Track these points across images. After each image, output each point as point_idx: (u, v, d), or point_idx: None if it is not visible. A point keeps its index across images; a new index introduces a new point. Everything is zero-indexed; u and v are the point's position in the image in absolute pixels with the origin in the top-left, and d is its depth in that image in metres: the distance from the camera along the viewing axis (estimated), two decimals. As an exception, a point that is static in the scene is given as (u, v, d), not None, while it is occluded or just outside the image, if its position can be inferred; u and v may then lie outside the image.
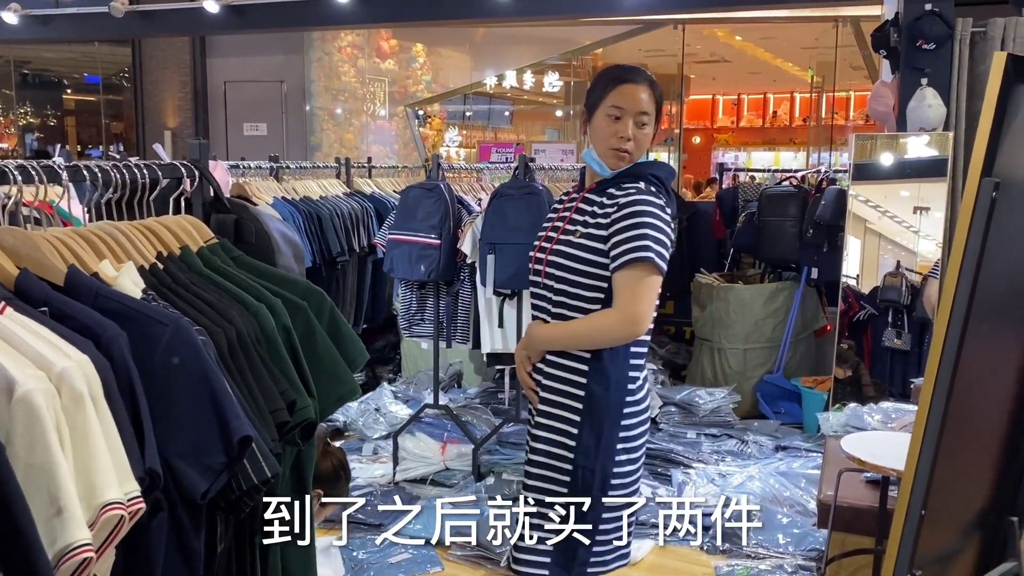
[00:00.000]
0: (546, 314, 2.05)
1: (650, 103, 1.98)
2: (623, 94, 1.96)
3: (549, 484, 2.02)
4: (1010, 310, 1.51)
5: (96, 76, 10.92)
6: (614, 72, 2.01)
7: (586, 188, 2.04)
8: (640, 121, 1.97)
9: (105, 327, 1.03)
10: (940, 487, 1.40)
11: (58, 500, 0.86)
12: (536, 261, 2.08)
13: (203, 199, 1.51)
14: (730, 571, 3.16)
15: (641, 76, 1.99)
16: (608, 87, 1.98)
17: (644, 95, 1.97)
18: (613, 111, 1.96)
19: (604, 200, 1.98)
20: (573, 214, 2.03)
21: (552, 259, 2.02)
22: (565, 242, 1.99)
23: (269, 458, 1.14)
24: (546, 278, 2.03)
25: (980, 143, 1.24)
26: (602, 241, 1.94)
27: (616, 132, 1.96)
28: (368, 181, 5.08)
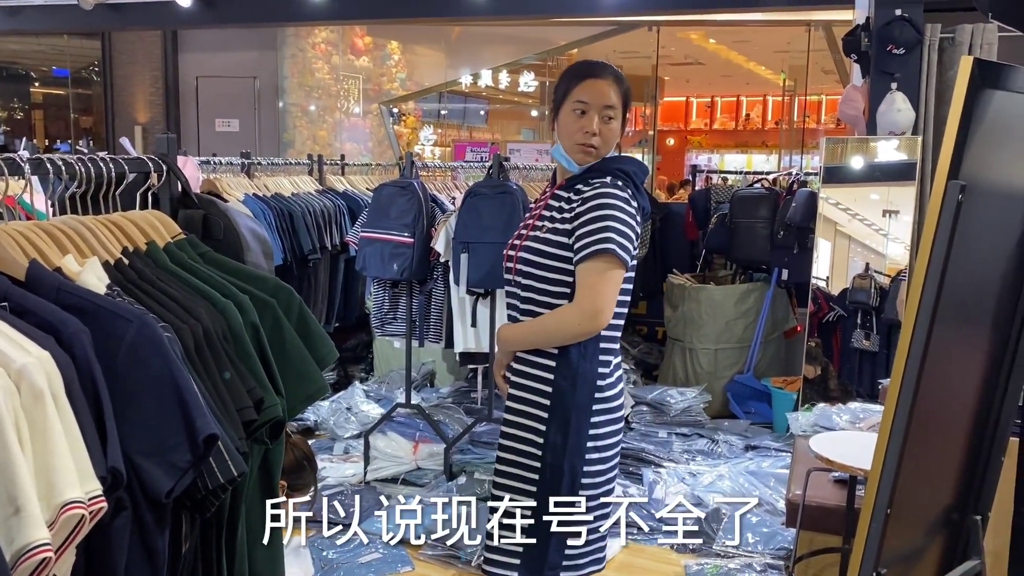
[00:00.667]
0: (517, 312, 2.05)
1: (616, 97, 1.97)
2: (588, 89, 1.96)
3: (518, 483, 2.00)
4: (975, 311, 1.53)
5: (65, 69, 10.75)
6: (579, 67, 2.01)
7: (556, 185, 2.05)
8: (606, 115, 1.96)
9: (67, 323, 1.01)
10: (905, 486, 1.42)
11: (16, 499, 0.84)
12: (508, 259, 2.08)
13: (171, 194, 1.48)
14: (700, 570, 3.17)
15: (606, 70, 1.99)
16: (573, 82, 1.97)
17: (609, 89, 1.96)
18: (578, 106, 1.96)
19: (571, 196, 1.97)
20: (542, 211, 2.03)
21: (521, 255, 2.02)
22: (533, 238, 2.00)
23: (235, 456, 1.13)
24: (516, 275, 2.04)
25: (947, 146, 1.26)
26: (567, 235, 1.94)
27: (582, 127, 1.95)
28: (341, 178, 5.05)
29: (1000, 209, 1.46)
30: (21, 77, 10.84)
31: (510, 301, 2.09)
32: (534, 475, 1.98)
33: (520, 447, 2.00)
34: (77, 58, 10.53)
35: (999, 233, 1.49)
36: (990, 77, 1.27)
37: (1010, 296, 1.56)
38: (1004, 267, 1.51)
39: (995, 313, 1.55)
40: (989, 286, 1.53)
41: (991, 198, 1.42)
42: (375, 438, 3.96)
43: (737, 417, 5.01)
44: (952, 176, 1.26)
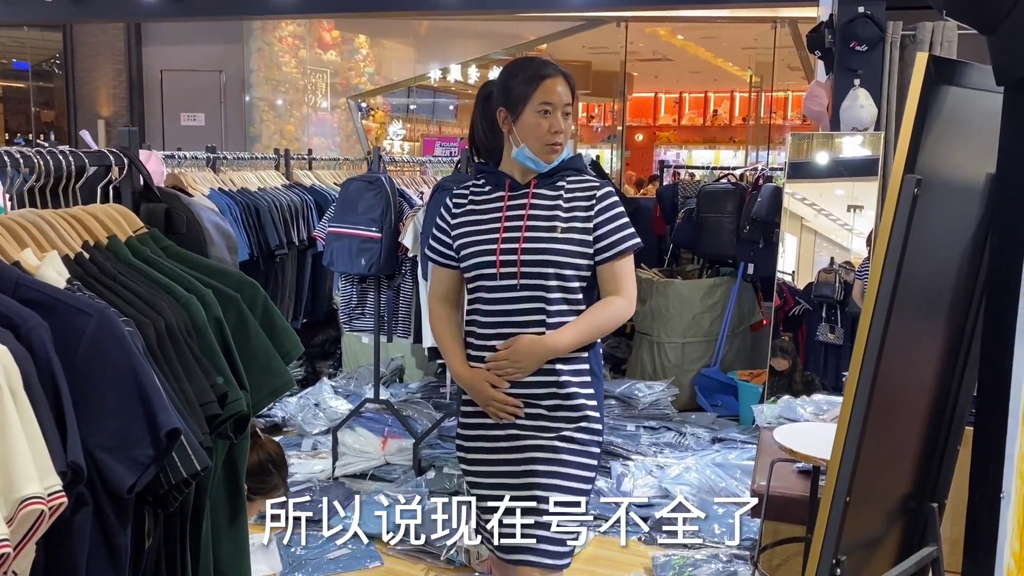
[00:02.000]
0: (520, 315, 2.03)
1: (568, 93, 2.03)
2: (548, 90, 2.00)
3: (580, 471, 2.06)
4: (932, 303, 1.56)
5: (25, 62, 10.56)
6: (531, 68, 2.04)
7: (530, 184, 2.07)
8: (566, 112, 2.02)
9: (25, 317, 1.00)
10: (864, 474, 1.44)
11: (-27, 494, 0.83)
12: (503, 264, 2.04)
13: (132, 188, 1.47)
14: (667, 561, 3.21)
15: (556, 68, 2.04)
16: (532, 84, 2.00)
17: (563, 87, 2.02)
18: (543, 107, 2.00)
19: (566, 195, 2.04)
20: (530, 211, 2.04)
21: (532, 258, 2.01)
22: (546, 239, 2.01)
23: (198, 451, 1.12)
24: (524, 278, 2.02)
25: (903, 141, 1.28)
26: (586, 233, 2.00)
27: (550, 127, 2.00)
28: (308, 173, 5.02)
29: (956, 203, 1.49)
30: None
31: (504, 307, 2.06)
32: (594, 460, 2.09)
33: (576, 445, 2.05)
34: (38, 50, 10.35)
35: (955, 227, 1.52)
36: (945, 73, 1.30)
37: (965, 288, 1.59)
38: (960, 260, 1.54)
39: (951, 305, 1.58)
40: (945, 279, 1.56)
41: (947, 192, 1.45)
42: (343, 434, 3.95)
43: (704, 410, 5.07)
44: (908, 170, 1.29)
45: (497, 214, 2.09)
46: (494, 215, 2.09)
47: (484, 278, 2.07)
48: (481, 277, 2.07)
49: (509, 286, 2.04)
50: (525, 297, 2.03)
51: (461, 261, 2.11)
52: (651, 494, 3.81)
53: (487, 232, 2.08)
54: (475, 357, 2.11)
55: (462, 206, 2.14)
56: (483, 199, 2.12)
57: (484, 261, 2.06)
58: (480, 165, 2.20)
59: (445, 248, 2.15)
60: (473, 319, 2.12)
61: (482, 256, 2.06)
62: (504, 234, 2.05)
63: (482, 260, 2.06)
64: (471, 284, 2.11)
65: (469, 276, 2.10)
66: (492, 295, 2.06)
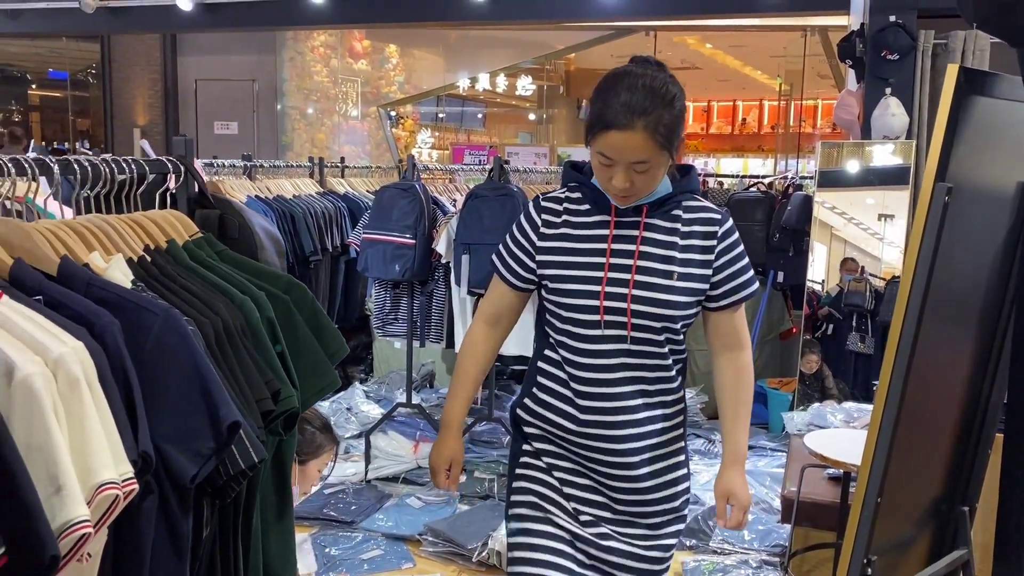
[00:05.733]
0: (628, 370, 1.71)
1: (648, 148, 1.58)
2: (610, 144, 1.60)
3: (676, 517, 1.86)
4: (963, 310, 1.58)
5: (63, 72, 10.78)
6: (602, 106, 1.60)
7: (641, 211, 1.72)
8: (637, 169, 1.61)
9: (99, 315, 1.07)
10: (895, 477, 1.47)
11: (57, 479, 0.89)
12: (609, 312, 1.69)
13: (188, 195, 1.54)
14: (696, 566, 3.23)
15: (634, 119, 1.57)
16: (595, 128, 1.61)
17: (637, 143, 1.57)
18: (600, 158, 1.63)
19: (683, 227, 1.72)
20: (642, 246, 1.70)
21: (642, 309, 1.68)
22: (659, 287, 1.68)
23: (256, 444, 1.18)
24: (633, 330, 1.69)
25: (934, 150, 1.32)
26: (702, 281, 1.71)
27: (609, 178, 1.64)
28: (341, 181, 5.10)
29: (987, 211, 1.52)
30: (19, 79, 10.86)
31: (614, 360, 1.71)
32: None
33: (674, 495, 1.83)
34: (76, 60, 10.56)
35: (986, 234, 1.55)
36: (975, 84, 1.33)
37: (996, 295, 1.61)
38: (990, 267, 1.57)
39: (982, 312, 1.60)
40: (976, 285, 1.59)
41: (978, 200, 1.48)
42: (376, 437, 4.01)
43: (733, 417, 5.06)
44: (939, 179, 1.32)
45: (600, 244, 1.72)
46: (596, 245, 1.73)
47: (580, 324, 1.72)
48: (576, 323, 1.72)
49: (617, 337, 1.70)
50: (627, 351, 1.70)
51: (550, 295, 1.76)
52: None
53: (587, 267, 1.72)
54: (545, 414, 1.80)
55: (554, 225, 1.76)
56: (581, 221, 1.75)
57: (583, 305, 1.71)
58: (573, 172, 1.79)
59: (520, 267, 1.80)
60: (550, 370, 1.79)
61: (581, 298, 1.71)
62: (609, 273, 1.70)
63: (581, 303, 1.71)
64: (558, 324, 1.76)
65: (557, 318, 1.76)
66: (590, 346, 1.72)
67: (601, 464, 1.76)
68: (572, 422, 1.76)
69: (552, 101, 12.84)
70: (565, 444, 1.79)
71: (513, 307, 1.85)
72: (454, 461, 1.86)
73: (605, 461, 1.75)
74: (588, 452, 1.76)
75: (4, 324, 0.99)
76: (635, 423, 1.73)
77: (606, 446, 1.73)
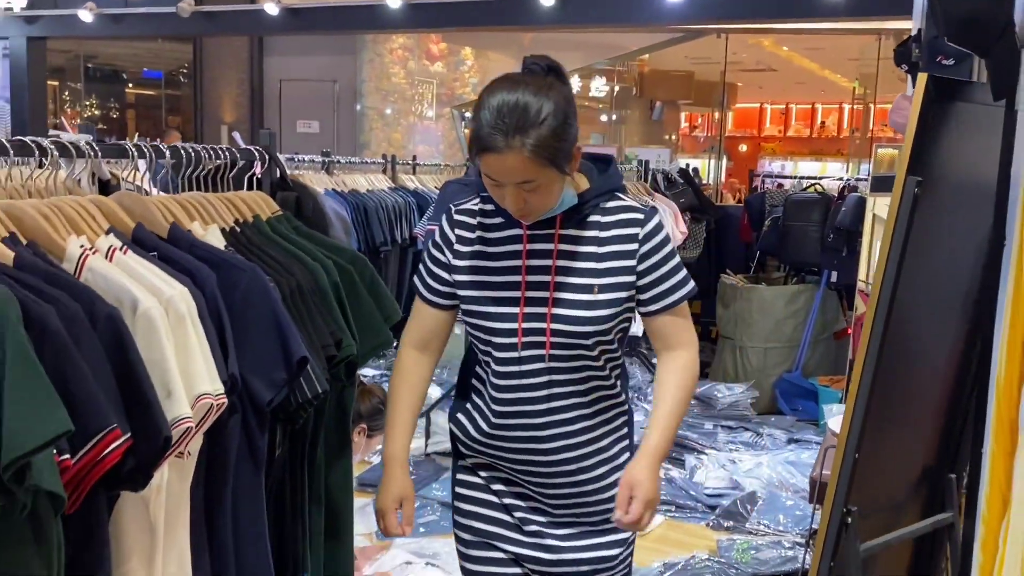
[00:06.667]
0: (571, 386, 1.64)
1: (528, 168, 1.47)
2: (489, 166, 1.50)
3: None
4: (947, 292, 1.76)
5: (158, 71, 11.42)
6: (478, 128, 1.48)
7: (555, 223, 1.61)
8: (526, 188, 1.50)
9: (199, 269, 1.35)
10: (874, 438, 1.66)
11: (168, 385, 1.17)
12: (528, 333, 1.60)
13: (271, 179, 1.83)
14: (731, 544, 3.41)
15: (507, 140, 1.45)
16: (473, 149, 1.51)
17: (516, 164, 1.46)
18: (487, 179, 1.53)
19: (602, 233, 1.61)
20: (558, 261, 1.60)
21: (564, 328, 1.59)
22: (581, 303, 1.59)
23: (320, 378, 1.45)
24: (554, 349, 1.60)
25: (905, 150, 1.51)
26: (626, 288, 1.61)
27: (501, 199, 1.55)
28: (412, 177, 5.41)
29: (964, 199, 1.70)
30: (117, 78, 11.51)
31: (538, 380, 1.62)
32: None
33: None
34: (170, 61, 11.18)
35: (972, 219, 1.73)
36: (944, 91, 1.52)
37: (984, 277, 1.78)
38: (977, 245, 1.73)
39: (967, 294, 1.77)
40: (960, 272, 1.76)
41: (955, 191, 1.66)
42: (435, 415, 4.29)
43: (784, 414, 5.19)
44: (911, 173, 1.51)
45: (515, 262, 1.62)
46: (510, 262, 1.63)
47: (499, 348, 1.63)
48: (496, 346, 1.64)
49: (535, 357, 1.61)
50: (554, 369, 1.62)
51: (467, 316, 1.67)
52: (722, 485, 4.01)
53: (502, 287, 1.62)
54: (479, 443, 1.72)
55: (468, 241, 1.66)
56: (495, 236, 1.65)
57: (502, 328, 1.62)
58: (481, 180, 1.60)
59: (440, 285, 1.70)
60: (477, 385, 1.73)
61: (499, 321, 1.62)
62: (527, 292, 1.61)
63: (499, 327, 1.62)
64: (479, 346, 1.69)
65: (477, 339, 1.68)
66: (510, 368, 1.63)
67: (533, 476, 1.69)
68: (501, 439, 1.68)
69: (625, 102, 12.97)
70: (495, 457, 1.71)
71: (440, 328, 1.73)
72: (404, 499, 1.71)
73: (537, 472, 1.68)
74: (518, 465, 1.69)
75: (129, 271, 1.28)
76: (568, 435, 1.65)
77: (536, 458, 1.66)
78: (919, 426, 1.85)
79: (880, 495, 1.83)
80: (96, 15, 7.39)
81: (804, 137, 15.45)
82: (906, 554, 1.99)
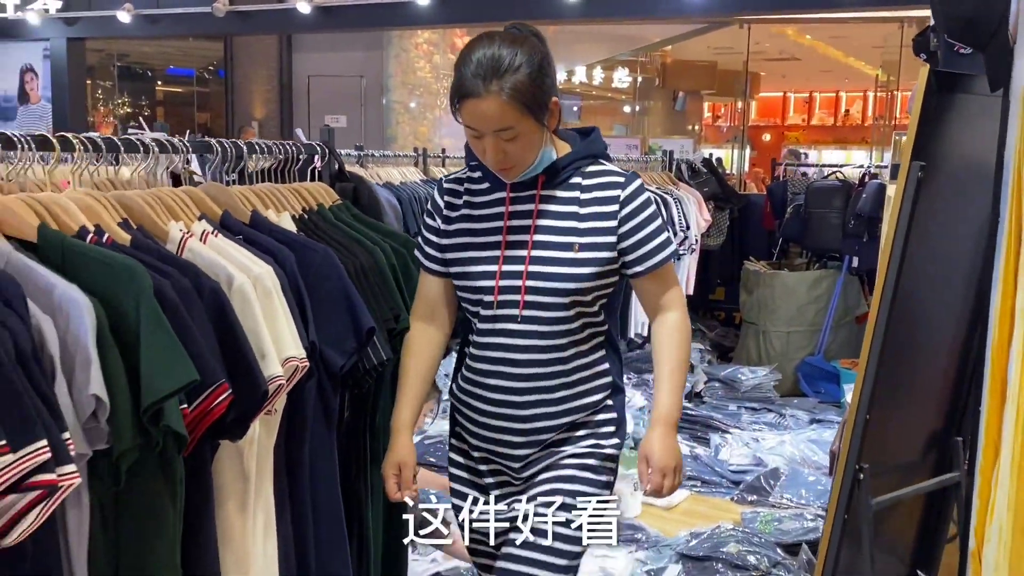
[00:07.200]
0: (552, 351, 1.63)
1: (507, 113, 1.52)
2: (469, 113, 1.54)
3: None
4: (950, 269, 1.91)
5: (189, 69, 11.66)
6: (458, 78, 1.54)
7: (537, 183, 1.64)
8: (503, 136, 1.54)
9: (280, 250, 1.54)
10: (884, 402, 1.82)
11: (262, 349, 1.36)
12: (504, 291, 1.62)
13: (330, 171, 2.02)
14: (754, 515, 3.56)
15: (485, 85, 1.51)
16: (453, 100, 1.56)
17: (494, 108, 1.51)
18: (468, 130, 1.57)
19: (583, 195, 1.63)
20: (538, 220, 1.63)
21: (541, 285, 1.61)
22: (560, 260, 1.61)
23: (384, 346, 1.64)
24: (528, 309, 1.61)
25: (910, 136, 1.66)
26: (609, 249, 1.62)
27: (482, 151, 1.58)
28: (443, 170, 5.59)
29: (965, 181, 1.85)
30: (148, 76, 11.75)
31: (504, 340, 1.64)
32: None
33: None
34: (199, 59, 11.42)
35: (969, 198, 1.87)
36: (946, 84, 1.67)
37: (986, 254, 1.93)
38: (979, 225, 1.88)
39: (970, 270, 1.92)
40: (967, 243, 1.91)
41: (956, 175, 1.81)
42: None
43: (807, 396, 5.33)
44: (914, 158, 1.67)
45: (497, 223, 1.65)
46: (493, 224, 1.66)
47: (478, 305, 1.66)
48: (474, 303, 1.67)
49: (508, 316, 1.63)
50: (531, 332, 1.62)
51: (455, 279, 1.71)
52: (746, 462, 4.16)
53: (483, 247, 1.66)
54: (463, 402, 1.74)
55: (455, 207, 1.71)
56: (480, 200, 1.69)
57: (482, 287, 1.65)
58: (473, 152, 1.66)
59: (434, 250, 1.73)
60: (467, 350, 1.74)
61: (479, 280, 1.65)
62: (506, 251, 1.63)
63: (479, 285, 1.65)
64: (466, 308, 1.72)
65: (463, 299, 1.72)
66: (487, 325, 1.65)
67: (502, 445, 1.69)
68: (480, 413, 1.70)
69: (648, 93, 13.06)
70: (474, 427, 1.73)
71: (443, 296, 1.74)
72: (403, 464, 1.69)
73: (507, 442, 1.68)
74: (492, 433, 1.70)
75: (221, 252, 1.47)
76: (546, 403, 1.66)
77: (513, 425, 1.67)
78: (927, 393, 2.00)
79: (891, 456, 1.99)
80: (133, 16, 7.63)
81: (828, 126, 15.41)
82: (917, 512, 2.15)
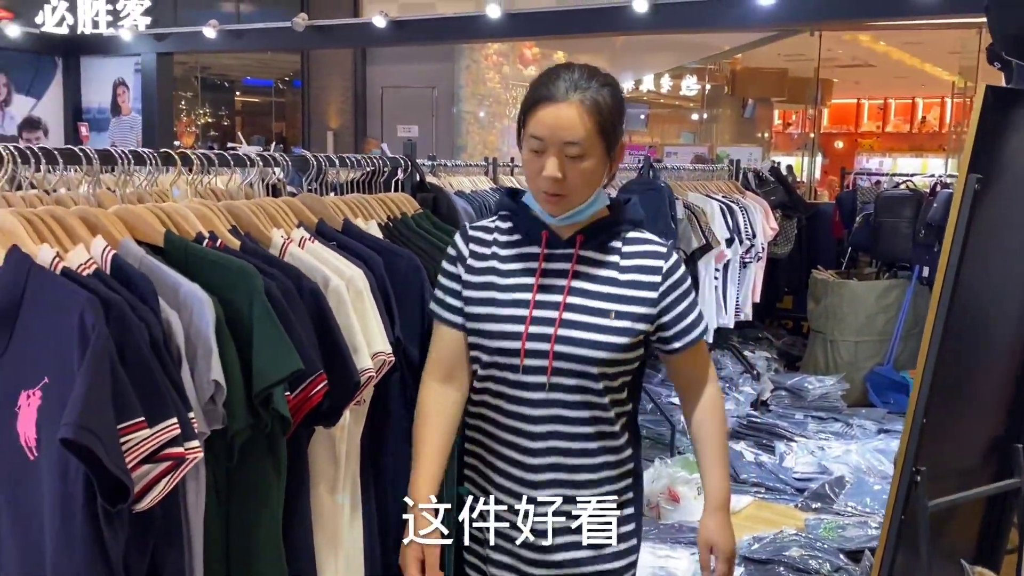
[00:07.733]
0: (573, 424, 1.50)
1: (582, 125, 1.42)
2: (542, 120, 1.43)
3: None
4: (1008, 273, 1.96)
5: (268, 80, 12.07)
6: (535, 88, 1.46)
7: (575, 241, 1.52)
8: (569, 153, 1.43)
9: (369, 255, 1.69)
10: (941, 407, 1.88)
11: (354, 344, 1.51)
12: (531, 355, 1.48)
13: (412, 182, 2.17)
14: (818, 522, 3.59)
15: (569, 92, 1.42)
16: (528, 109, 1.45)
17: (572, 117, 1.41)
18: (532, 142, 1.44)
19: (623, 262, 1.52)
20: (573, 281, 1.50)
21: (570, 351, 1.47)
22: (592, 327, 1.48)
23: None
24: (556, 376, 1.48)
25: (967, 149, 1.73)
26: (644, 320, 1.51)
27: (539, 170, 1.44)
28: (511, 178, 5.73)
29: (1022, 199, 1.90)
30: (228, 87, 12.19)
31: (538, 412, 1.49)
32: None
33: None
34: (278, 70, 11.82)
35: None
36: (1003, 100, 1.73)
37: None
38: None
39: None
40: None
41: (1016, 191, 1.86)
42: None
43: (875, 406, 5.29)
44: (971, 171, 1.73)
45: (527, 279, 1.51)
46: (522, 280, 1.51)
47: (499, 368, 1.51)
48: (495, 366, 1.52)
49: (534, 385, 1.49)
50: (553, 401, 1.49)
51: (472, 335, 1.54)
52: (811, 470, 4.18)
53: (511, 305, 1.51)
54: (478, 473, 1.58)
55: (483, 257, 1.55)
56: (510, 253, 1.54)
57: (498, 347, 1.50)
58: (507, 199, 1.58)
59: (455, 299, 1.55)
60: (476, 423, 1.57)
61: (503, 340, 1.50)
62: (535, 311, 1.49)
63: (502, 346, 1.50)
64: (481, 371, 1.54)
65: (478, 361, 1.54)
66: (511, 391, 1.51)
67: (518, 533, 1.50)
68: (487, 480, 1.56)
69: (716, 101, 13.01)
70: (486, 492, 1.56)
71: (463, 353, 1.55)
72: (428, 551, 1.44)
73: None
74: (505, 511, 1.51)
75: (318, 256, 1.62)
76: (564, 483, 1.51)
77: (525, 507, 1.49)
78: (986, 399, 2.05)
79: (949, 460, 2.04)
80: (218, 31, 7.99)
81: (904, 133, 15.07)
82: (976, 518, 2.19)
